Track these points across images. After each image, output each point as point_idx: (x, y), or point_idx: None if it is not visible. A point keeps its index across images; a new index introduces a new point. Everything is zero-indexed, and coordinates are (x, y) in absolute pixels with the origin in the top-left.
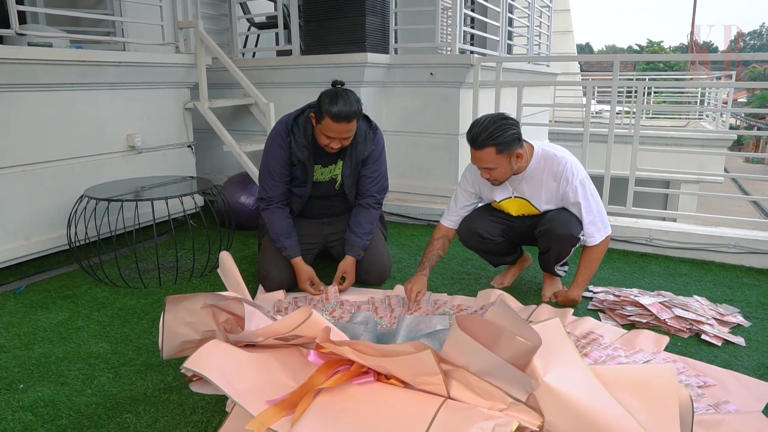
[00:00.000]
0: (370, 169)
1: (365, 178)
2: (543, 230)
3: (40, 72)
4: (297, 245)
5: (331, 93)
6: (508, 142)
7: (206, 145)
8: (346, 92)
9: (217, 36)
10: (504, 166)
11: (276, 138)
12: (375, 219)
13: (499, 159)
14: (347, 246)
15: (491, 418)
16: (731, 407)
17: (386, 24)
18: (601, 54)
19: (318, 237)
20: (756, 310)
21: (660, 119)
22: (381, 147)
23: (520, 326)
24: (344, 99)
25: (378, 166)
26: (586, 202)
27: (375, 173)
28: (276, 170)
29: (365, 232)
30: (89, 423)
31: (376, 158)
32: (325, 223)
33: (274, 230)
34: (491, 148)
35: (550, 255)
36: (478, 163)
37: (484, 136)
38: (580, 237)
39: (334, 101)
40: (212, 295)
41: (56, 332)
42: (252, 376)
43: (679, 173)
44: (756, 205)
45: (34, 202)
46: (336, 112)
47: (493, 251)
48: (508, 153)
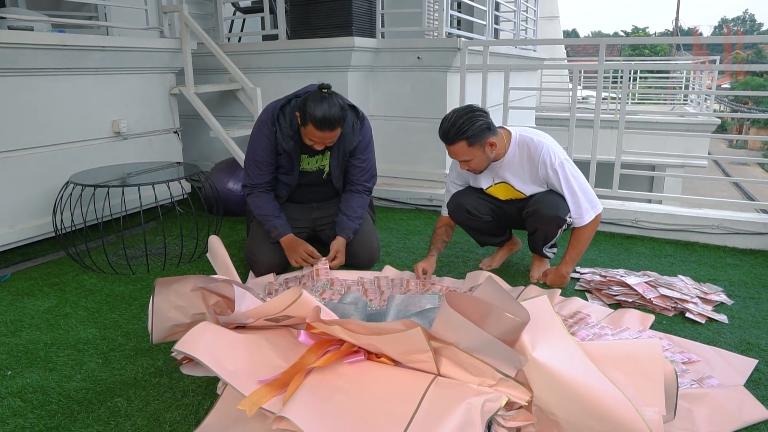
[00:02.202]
0: (358, 159)
1: (354, 167)
2: (530, 211)
3: (21, 56)
4: (287, 223)
5: (317, 98)
6: (478, 134)
7: (193, 131)
8: (331, 97)
9: (203, 20)
10: (479, 157)
11: (262, 127)
12: (365, 204)
13: (472, 151)
14: (338, 227)
15: (481, 394)
16: (714, 382)
17: (373, 8)
18: (587, 38)
19: (306, 221)
20: (738, 289)
21: (645, 104)
22: (369, 137)
23: (508, 303)
24: (329, 106)
25: (366, 155)
26: (568, 184)
27: (363, 163)
28: (261, 159)
29: (356, 215)
30: (79, 408)
31: (364, 148)
32: (313, 208)
33: (261, 212)
34: (462, 141)
35: (537, 236)
36: (453, 157)
37: (453, 131)
38: (566, 218)
39: (318, 108)
40: (202, 278)
41: (44, 319)
42: (243, 357)
43: (664, 156)
44: (738, 188)
45: (19, 189)
46: (320, 120)
47: (480, 229)
48: (480, 143)
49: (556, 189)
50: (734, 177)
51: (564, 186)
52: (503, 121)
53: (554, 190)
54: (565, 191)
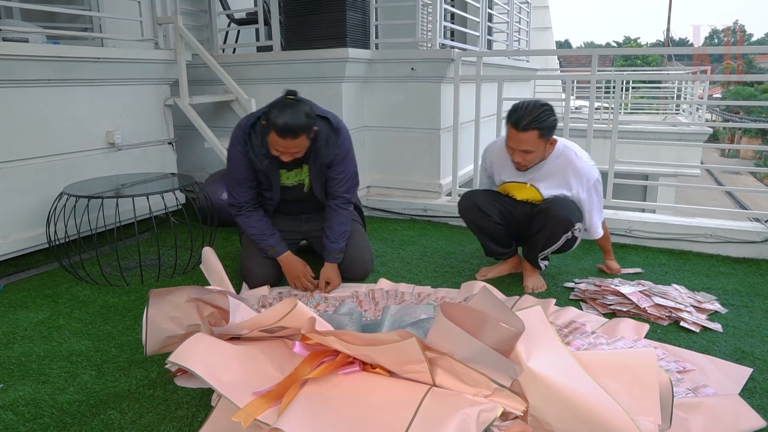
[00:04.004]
0: (336, 170)
1: (332, 180)
2: (543, 208)
3: (16, 68)
4: (281, 240)
5: (279, 105)
6: (549, 129)
7: (187, 141)
8: (296, 104)
9: (197, 32)
10: (539, 151)
11: (236, 145)
12: (347, 220)
13: (539, 143)
14: (325, 253)
15: (476, 404)
16: (709, 390)
17: (367, 19)
18: (579, 49)
19: (297, 234)
20: (732, 298)
21: (638, 114)
22: (347, 147)
23: (503, 313)
24: (292, 113)
25: (345, 166)
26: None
27: (342, 174)
28: (241, 176)
29: (339, 235)
30: (72, 420)
31: (341, 159)
32: (303, 220)
33: (254, 232)
34: (535, 131)
35: (539, 236)
36: (516, 146)
37: (529, 119)
38: (575, 225)
39: (281, 115)
40: (196, 289)
41: (37, 331)
42: (237, 368)
43: (657, 165)
44: (731, 196)
45: (12, 199)
46: (281, 127)
47: (489, 231)
48: (547, 139)
49: (580, 203)
50: (727, 186)
51: (588, 207)
52: (496, 132)
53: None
54: (586, 208)
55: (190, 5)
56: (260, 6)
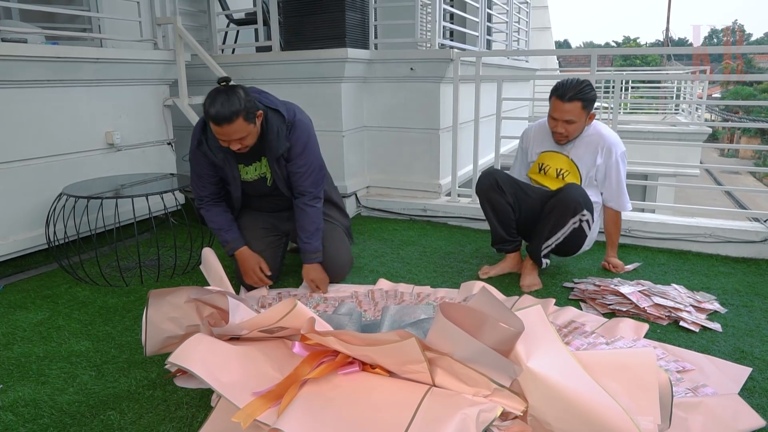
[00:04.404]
0: (295, 164)
1: (293, 174)
2: (555, 192)
3: (15, 68)
4: (239, 237)
5: (212, 93)
6: (591, 101)
7: (186, 142)
8: (228, 90)
9: (196, 32)
10: (581, 122)
11: (193, 141)
12: (317, 217)
13: (581, 114)
14: (302, 255)
15: (476, 404)
16: (709, 390)
17: (366, 19)
18: (579, 49)
19: (278, 232)
20: (732, 297)
21: (637, 113)
22: (303, 140)
23: (503, 313)
24: (223, 99)
25: (304, 159)
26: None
27: (302, 168)
28: (200, 172)
29: (311, 234)
30: (72, 421)
31: (299, 153)
32: (284, 218)
33: (213, 225)
34: (578, 102)
35: (549, 219)
36: (561, 116)
37: (573, 90)
38: (584, 211)
39: (213, 103)
40: (196, 289)
41: (36, 332)
42: (237, 368)
43: (656, 165)
44: (730, 196)
45: (11, 200)
46: (213, 115)
47: (499, 211)
48: (588, 111)
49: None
50: (726, 186)
51: (615, 176)
52: (496, 132)
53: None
54: (614, 180)
55: (189, 6)
56: (259, 6)
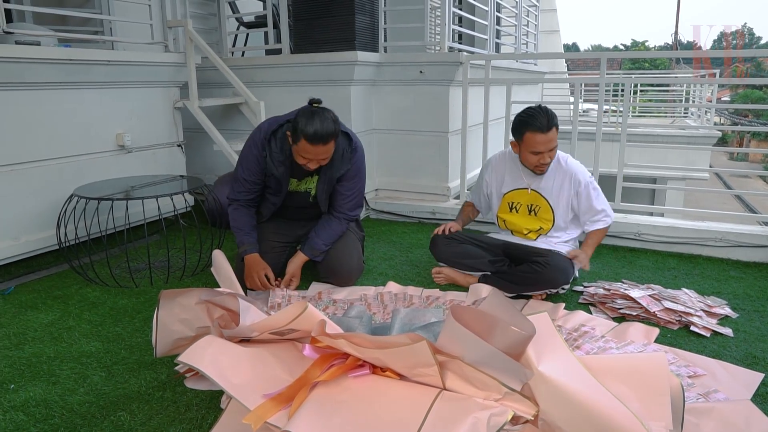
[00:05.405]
0: (345, 186)
1: (340, 195)
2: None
3: (27, 71)
4: (255, 243)
5: (307, 113)
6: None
7: (196, 144)
8: (323, 112)
9: (207, 35)
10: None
11: (252, 148)
12: (343, 230)
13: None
14: (306, 244)
15: (487, 408)
16: (720, 396)
17: (375, 23)
18: (587, 52)
19: (290, 236)
20: (743, 302)
21: (646, 117)
22: (359, 165)
23: (513, 316)
24: (320, 120)
25: (354, 183)
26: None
27: (350, 191)
28: (248, 178)
29: (327, 237)
30: (83, 422)
31: (352, 176)
32: (300, 226)
33: (236, 225)
34: (555, 127)
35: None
36: (546, 147)
37: (547, 118)
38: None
39: (310, 122)
40: (206, 291)
41: (47, 332)
42: (248, 370)
43: (666, 169)
44: (740, 200)
45: (23, 201)
46: (312, 134)
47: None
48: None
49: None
50: (736, 189)
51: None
52: (505, 135)
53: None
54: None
55: (199, 9)
56: (269, 9)
